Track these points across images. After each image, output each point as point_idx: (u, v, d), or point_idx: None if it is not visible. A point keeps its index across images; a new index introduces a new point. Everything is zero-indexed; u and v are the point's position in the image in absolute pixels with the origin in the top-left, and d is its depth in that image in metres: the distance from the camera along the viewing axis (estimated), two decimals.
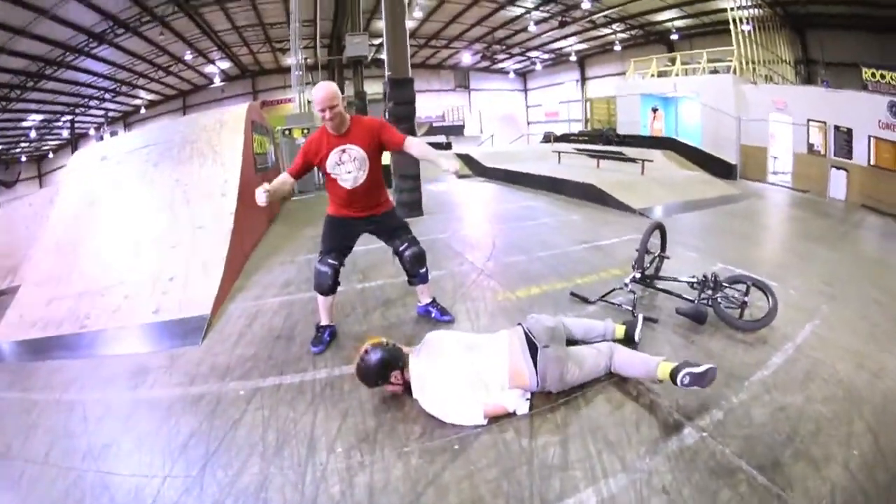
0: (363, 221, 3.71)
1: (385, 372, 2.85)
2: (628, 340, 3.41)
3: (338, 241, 3.70)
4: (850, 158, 11.93)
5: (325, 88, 3.31)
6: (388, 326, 4.04)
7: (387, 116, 8.39)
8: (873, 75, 11.50)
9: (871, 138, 11.40)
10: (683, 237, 4.84)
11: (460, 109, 31.36)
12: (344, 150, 3.45)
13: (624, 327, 3.45)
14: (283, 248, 6.49)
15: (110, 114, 27.69)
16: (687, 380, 2.70)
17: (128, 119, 28.62)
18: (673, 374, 2.74)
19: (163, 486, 2.43)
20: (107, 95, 24.85)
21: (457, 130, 28.26)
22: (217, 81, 27.49)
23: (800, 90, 14.90)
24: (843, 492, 2.32)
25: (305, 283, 5.01)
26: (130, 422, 3.01)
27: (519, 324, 3.07)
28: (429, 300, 4.05)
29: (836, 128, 12.31)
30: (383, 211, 3.76)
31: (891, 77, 11.12)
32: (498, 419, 2.75)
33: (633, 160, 13.33)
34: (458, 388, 2.75)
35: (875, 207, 10.86)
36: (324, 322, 3.78)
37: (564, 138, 21.95)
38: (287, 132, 11.44)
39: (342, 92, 14.00)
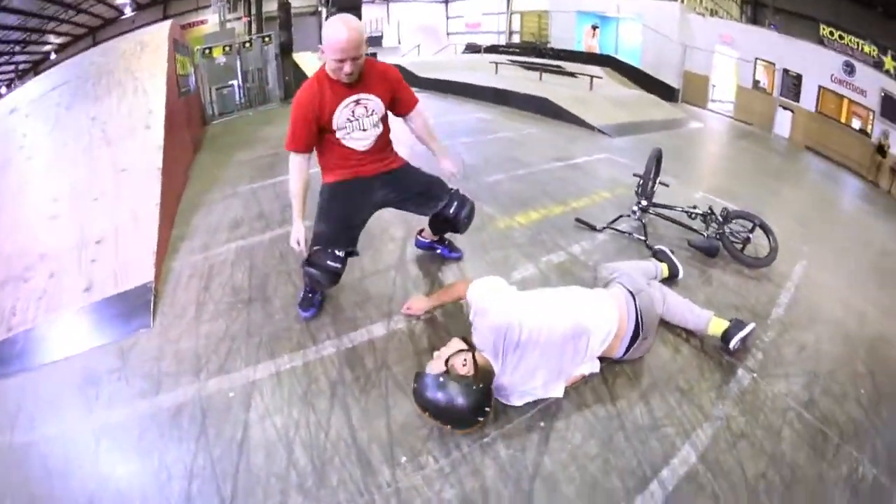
0: (376, 182, 2.93)
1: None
2: (671, 277, 3.53)
3: (347, 218, 2.88)
4: (797, 101, 13.35)
5: (350, 29, 2.43)
6: (386, 269, 3.57)
7: (327, 19, 7.75)
8: (831, 34, 12.65)
9: (821, 88, 12.86)
10: None
11: (379, 21, 30.32)
12: (358, 101, 2.69)
13: (665, 265, 3.53)
14: (219, 178, 5.71)
15: (21, 66, 24.09)
16: (738, 345, 2.84)
17: (38, 68, 25.35)
18: (725, 336, 2.86)
19: None
20: (16, 48, 21.71)
21: (375, 42, 27.67)
22: (128, 12, 24.64)
23: (750, 29, 15.77)
24: (857, 425, 2.66)
25: (258, 219, 4.41)
26: (102, 467, 2.22)
27: (631, 293, 2.63)
28: (436, 236, 3.60)
29: (786, 71, 13.62)
30: (398, 166, 3.03)
31: (849, 39, 12.33)
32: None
33: (572, 74, 13.49)
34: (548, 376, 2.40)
35: (818, 150, 12.42)
36: None
37: (494, 49, 21.68)
38: (207, 51, 10.47)
39: (261, 5, 12.35)
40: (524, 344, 2.23)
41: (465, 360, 2.13)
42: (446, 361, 2.13)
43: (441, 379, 2.08)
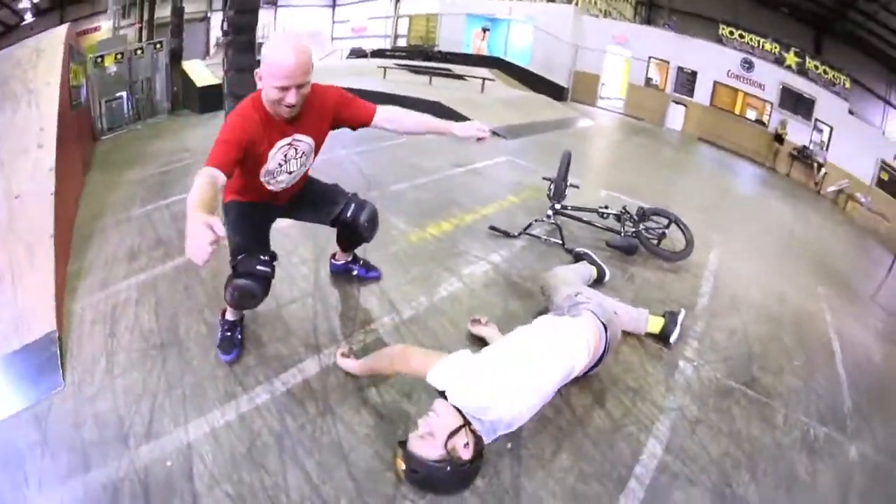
0: (281, 208, 2.92)
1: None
2: (599, 280, 3.72)
3: (258, 230, 2.78)
4: (691, 97, 15.14)
5: (299, 52, 2.21)
6: (303, 296, 3.41)
7: (226, 26, 7.54)
8: (731, 33, 14.58)
9: (716, 83, 14.76)
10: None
11: (266, 27, 30.32)
12: (291, 144, 2.51)
13: (595, 268, 3.72)
14: (109, 201, 5.31)
15: None
16: (676, 338, 3.17)
17: None
18: (664, 332, 3.17)
19: None
20: None
21: (261, 49, 27.49)
22: (28, 17, 23.21)
23: (644, 29, 17.48)
24: (798, 393, 3.06)
25: (156, 247, 4.13)
26: None
27: (603, 325, 2.62)
28: (349, 256, 3.55)
29: (680, 68, 15.35)
30: (302, 187, 2.97)
31: (749, 38, 14.24)
32: None
33: (462, 77, 13.95)
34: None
35: (711, 141, 14.18)
36: (231, 316, 2.87)
37: (380, 53, 21.88)
38: (99, 60, 9.92)
39: (153, 10, 11.63)
40: (506, 406, 2.15)
41: (467, 442, 2.02)
42: (445, 443, 2.00)
43: (448, 468, 1.98)
